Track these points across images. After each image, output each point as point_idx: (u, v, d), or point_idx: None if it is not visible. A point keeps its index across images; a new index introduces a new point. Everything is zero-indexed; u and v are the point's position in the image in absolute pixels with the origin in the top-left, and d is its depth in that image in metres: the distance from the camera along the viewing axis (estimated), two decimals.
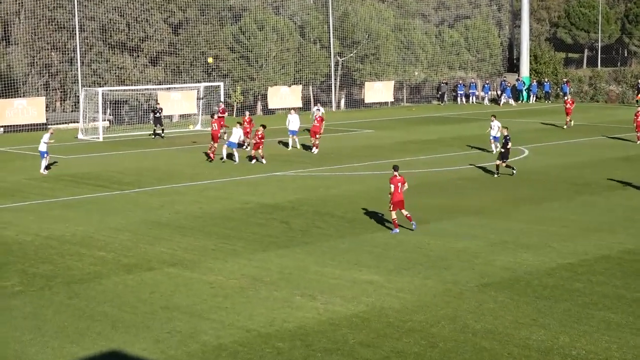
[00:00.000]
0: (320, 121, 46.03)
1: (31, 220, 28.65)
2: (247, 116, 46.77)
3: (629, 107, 70.29)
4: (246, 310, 19.24)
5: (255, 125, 44.37)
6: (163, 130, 52.98)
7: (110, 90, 56.82)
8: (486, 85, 79.35)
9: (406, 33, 77.63)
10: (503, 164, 37.25)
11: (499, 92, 78.33)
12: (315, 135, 45.36)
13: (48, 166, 39.11)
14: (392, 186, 26.37)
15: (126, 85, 59.93)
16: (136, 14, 61.59)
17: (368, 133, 55.49)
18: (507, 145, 37.32)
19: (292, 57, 69.92)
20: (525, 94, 79.44)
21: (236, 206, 31.03)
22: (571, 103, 57.70)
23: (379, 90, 75.03)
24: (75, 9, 58.39)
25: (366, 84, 74.40)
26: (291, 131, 46.67)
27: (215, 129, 42.82)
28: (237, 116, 60.39)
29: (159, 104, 55.06)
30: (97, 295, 20.45)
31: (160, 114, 53.09)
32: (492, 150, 43.45)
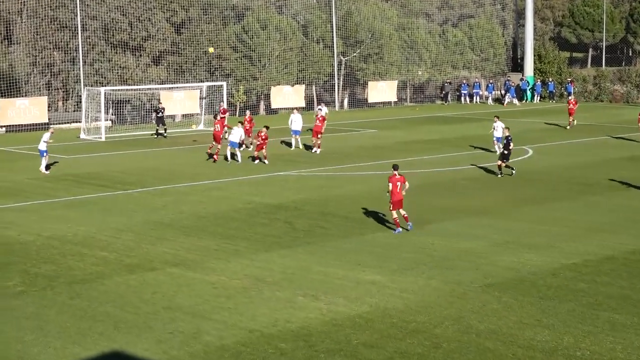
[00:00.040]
0: (322, 121, 45.95)
1: (33, 220, 28.61)
2: (248, 115, 46.89)
3: (634, 107, 70.18)
4: (249, 310, 19.17)
5: (256, 124, 44.32)
6: (166, 130, 52.92)
7: (113, 90, 56.74)
8: (490, 85, 79.23)
9: (410, 32, 77.52)
10: (503, 164, 37.16)
11: (503, 92, 78.21)
12: (317, 135, 45.28)
13: (48, 166, 39.07)
14: (390, 184, 26.33)
15: (128, 84, 59.86)
16: (138, 13, 61.53)
17: (371, 133, 55.40)
18: (509, 146, 37.24)
19: (295, 57, 69.84)
20: (529, 93, 79.35)
21: (239, 206, 30.96)
22: (574, 103, 57.55)
23: (383, 90, 74.93)
24: (78, 8, 58.35)
25: (369, 83, 74.28)
26: (294, 131, 46.60)
27: (217, 130, 42.70)
28: (240, 116, 60.31)
29: (161, 103, 55.00)
30: (99, 295, 20.39)
31: (163, 113, 53.03)
32: (496, 151, 43.30)
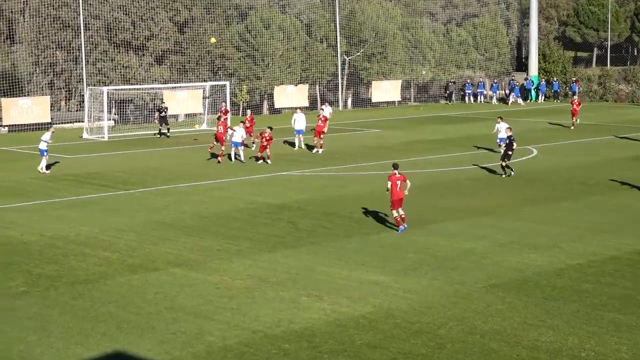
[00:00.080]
0: (324, 121, 45.86)
1: (36, 220, 28.55)
2: (249, 115, 46.96)
3: (639, 107, 70.01)
4: (252, 311, 19.10)
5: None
6: (169, 129, 52.86)
7: (116, 90, 56.67)
8: (494, 85, 79.09)
9: (414, 32, 77.41)
10: (504, 163, 37.02)
11: (508, 92, 78.05)
12: (320, 135, 45.18)
13: (49, 166, 38.99)
14: (390, 183, 26.27)
15: (131, 84, 59.84)
16: (141, 13, 61.50)
17: (375, 132, 55.31)
18: (512, 146, 37.13)
19: (299, 56, 69.78)
20: (533, 93, 79.19)
21: (241, 206, 30.88)
22: (578, 104, 57.30)
23: (386, 90, 74.80)
24: (80, 7, 58.34)
25: (373, 83, 74.15)
26: (297, 130, 46.51)
27: (220, 132, 42.47)
28: (243, 116, 60.23)
29: (164, 103, 54.93)
30: (102, 295, 20.33)
31: (166, 113, 52.97)
32: (500, 151, 43.16)
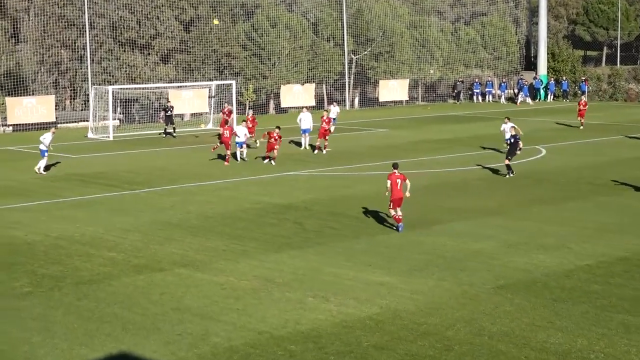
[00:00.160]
0: (328, 122, 45.75)
1: (40, 220, 28.48)
2: (251, 115, 47.24)
3: None
4: (258, 312, 18.97)
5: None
6: (174, 129, 52.77)
7: (121, 89, 56.65)
8: (503, 84, 78.87)
9: (421, 30, 77.28)
10: (507, 161, 36.78)
11: (516, 91, 77.85)
12: (324, 137, 45.03)
13: (47, 167, 38.85)
14: (389, 182, 26.17)
15: (137, 83, 59.81)
16: (147, 11, 61.45)
17: (382, 132, 55.17)
18: (517, 145, 36.94)
19: (305, 55, 69.68)
20: (542, 92, 78.98)
21: (247, 206, 30.77)
22: (584, 105, 56.77)
23: (394, 89, 74.65)
24: (85, 6, 58.32)
25: (380, 82, 74.02)
26: (303, 130, 46.38)
27: (226, 136, 41.59)
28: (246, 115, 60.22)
29: (170, 102, 54.87)
30: (107, 296, 20.23)
31: (172, 112, 52.88)
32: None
